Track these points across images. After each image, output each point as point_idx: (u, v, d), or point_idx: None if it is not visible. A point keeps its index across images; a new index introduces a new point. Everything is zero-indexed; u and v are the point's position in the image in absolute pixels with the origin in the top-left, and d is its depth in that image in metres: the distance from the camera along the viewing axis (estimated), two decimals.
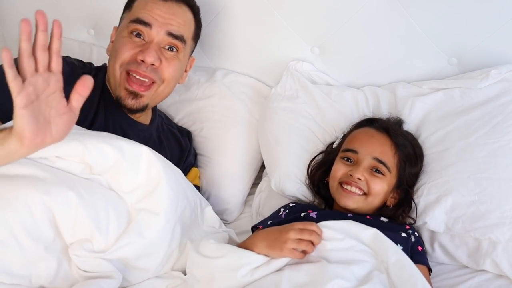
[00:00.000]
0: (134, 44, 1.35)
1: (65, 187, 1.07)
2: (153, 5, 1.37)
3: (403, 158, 1.33)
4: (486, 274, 1.31)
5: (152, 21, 1.35)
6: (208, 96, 1.68)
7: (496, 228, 1.25)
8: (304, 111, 1.57)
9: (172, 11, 1.38)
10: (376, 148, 1.33)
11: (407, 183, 1.35)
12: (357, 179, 1.30)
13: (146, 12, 1.36)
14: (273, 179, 1.52)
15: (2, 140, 0.93)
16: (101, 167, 1.13)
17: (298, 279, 1.02)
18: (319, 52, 1.63)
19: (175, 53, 1.40)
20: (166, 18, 1.37)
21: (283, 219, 1.35)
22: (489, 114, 1.37)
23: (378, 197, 1.32)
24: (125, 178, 1.14)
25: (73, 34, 1.88)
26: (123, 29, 1.39)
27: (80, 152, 1.10)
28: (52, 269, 1.07)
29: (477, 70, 1.46)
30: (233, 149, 1.64)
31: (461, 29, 1.45)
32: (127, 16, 1.41)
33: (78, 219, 1.07)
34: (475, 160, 1.32)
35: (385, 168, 1.31)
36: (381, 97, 1.54)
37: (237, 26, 1.67)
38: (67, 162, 1.12)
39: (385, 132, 1.36)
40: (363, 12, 1.51)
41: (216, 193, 1.60)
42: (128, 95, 1.35)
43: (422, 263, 1.24)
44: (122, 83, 1.35)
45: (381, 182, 1.31)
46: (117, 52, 1.36)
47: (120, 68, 1.35)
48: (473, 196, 1.28)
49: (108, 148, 1.12)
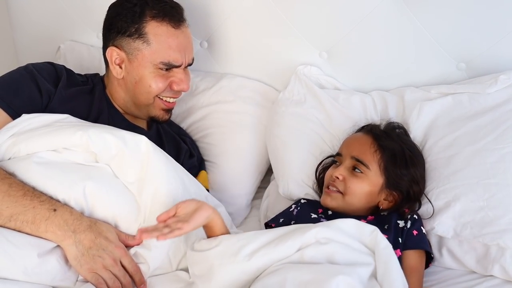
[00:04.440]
0: (164, 76, 1.44)
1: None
2: (176, 40, 1.43)
3: (387, 157, 1.33)
4: (494, 279, 1.30)
5: (181, 61, 1.44)
6: (215, 102, 1.70)
7: (504, 234, 1.25)
8: (312, 115, 1.57)
9: (187, 39, 1.47)
10: (355, 148, 1.36)
11: (403, 186, 1.33)
12: (335, 177, 1.33)
13: (174, 53, 1.42)
14: (280, 184, 1.53)
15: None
16: (105, 156, 1.21)
17: (302, 277, 1.02)
18: (327, 57, 1.63)
19: (189, 66, 1.51)
20: (187, 51, 1.46)
21: (294, 215, 1.37)
22: (498, 120, 1.37)
23: (356, 197, 1.32)
24: (128, 167, 1.20)
25: (82, 38, 1.89)
26: (147, 64, 1.42)
27: (85, 142, 1.18)
28: (59, 268, 1.11)
29: (485, 75, 1.46)
30: (238, 153, 1.65)
31: (470, 34, 1.45)
32: (147, 51, 1.41)
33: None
34: (484, 165, 1.31)
35: (363, 166, 1.32)
36: (389, 102, 1.54)
37: (245, 31, 1.68)
38: (73, 152, 1.19)
39: (369, 133, 1.39)
40: (372, 17, 1.52)
41: (221, 197, 1.60)
42: (165, 113, 1.50)
43: (418, 248, 1.26)
44: (157, 106, 1.48)
45: (359, 181, 1.32)
46: (151, 87, 1.44)
47: (153, 97, 1.46)
48: (482, 201, 1.28)
49: (111, 138, 1.20)
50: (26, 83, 1.37)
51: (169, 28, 1.42)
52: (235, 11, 1.65)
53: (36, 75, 1.39)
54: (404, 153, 1.35)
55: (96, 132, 1.19)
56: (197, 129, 1.70)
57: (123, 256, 1.13)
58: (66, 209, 1.13)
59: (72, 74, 1.51)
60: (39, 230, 1.11)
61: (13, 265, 1.06)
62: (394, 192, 1.34)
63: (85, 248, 1.11)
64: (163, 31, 1.41)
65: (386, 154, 1.33)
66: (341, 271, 1.02)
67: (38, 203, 1.12)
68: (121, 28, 1.42)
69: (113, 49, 1.44)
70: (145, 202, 1.19)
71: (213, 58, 1.77)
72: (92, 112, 1.44)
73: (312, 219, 1.32)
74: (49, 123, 1.26)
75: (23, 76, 1.39)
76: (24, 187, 1.15)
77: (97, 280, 1.11)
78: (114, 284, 1.11)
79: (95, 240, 1.11)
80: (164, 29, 1.41)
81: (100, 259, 1.11)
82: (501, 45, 1.43)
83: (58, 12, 1.86)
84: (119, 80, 1.47)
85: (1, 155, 1.23)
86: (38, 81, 1.38)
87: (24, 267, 1.07)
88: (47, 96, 1.38)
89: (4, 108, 1.32)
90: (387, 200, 1.34)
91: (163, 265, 1.20)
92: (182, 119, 1.73)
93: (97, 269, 1.10)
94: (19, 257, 1.07)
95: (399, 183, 1.33)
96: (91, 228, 1.13)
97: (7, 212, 1.11)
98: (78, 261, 1.11)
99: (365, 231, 1.11)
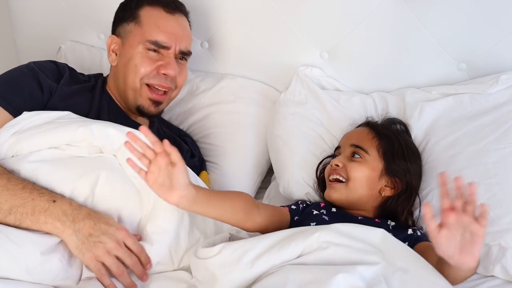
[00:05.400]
0: (152, 59, 1.44)
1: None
2: (165, 22, 1.46)
3: (385, 143, 1.35)
4: (495, 280, 1.29)
5: (169, 43, 1.45)
6: (216, 102, 1.71)
7: (506, 234, 1.25)
8: (313, 116, 1.57)
9: (180, 26, 1.49)
10: (353, 137, 1.39)
11: (401, 173, 1.33)
12: (335, 165, 1.34)
13: (162, 33, 1.44)
14: (281, 184, 1.53)
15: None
16: (109, 149, 1.22)
17: (303, 276, 1.01)
18: (329, 58, 1.63)
19: (185, 60, 1.52)
20: (178, 37, 1.46)
21: (299, 210, 1.37)
22: (499, 120, 1.37)
23: (359, 182, 1.32)
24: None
25: (83, 39, 1.90)
26: (136, 44, 1.45)
27: (88, 137, 1.18)
28: (61, 266, 1.10)
29: (486, 76, 1.47)
30: (239, 154, 1.65)
31: (471, 35, 1.46)
32: (137, 31, 1.46)
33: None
34: (485, 165, 1.32)
35: (362, 151, 1.34)
36: (390, 103, 1.55)
37: (247, 32, 1.68)
38: (77, 148, 1.20)
39: (367, 125, 1.42)
40: (372, 18, 1.52)
41: None
42: (151, 104, 1.47)
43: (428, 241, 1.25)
44: (145, 94, 1.45)
45: (359, 165, 1.33)
46: (137, 67, 1.44)
47: (141, 81, 1.45)
48: (483, 201, 1.27)
49: (113, 132, 1.21)
50: (27, 80, 1.38)
51: (161, 11, 1.47)
52: (236, 12, 1.66)
53: (38, 72, 1.39)
54: (400, 143, 1.36)
55: (98, 127, 1.20)
56: (198, 130, 1.71)
57: (126, 238, 1.11)
58: (65, 201, 1.13)
59: (74, 72, 1.52)
60: (39, 221, 1.10)
61: (15, 264, 1.05)
62: (395, 179, 1.34)
63: (85, 236, 1.09)
64: (155, 13, 1.47)
65: (384, 140, 1.35)
66: (342, 269, 1.01)
67: (38, 195, 1.11)
68: (121, 17, 1.49)
69: (112, 37, 1.50)
70: (149, 196, 1.18)
71: (213, 58, 1.77)
72: (93, 108, 1.44)
73: (314, 215, 1.32)
74: (50, 120, 1.26)
75: (24, 73, 1.39)
76: (23, 181, 1.14)
77: (99, 270, 1.09)
78: (118, 269, 1.09)
79: (94, 226, 1.10)
80: (156, 11, 1.47)
81: (102, 244, 1.09)
82: (502, 46, 1.43)
83: (58, 12, 1.87)
84: (114, 68, 1.50)
85: (3, 153, 1.22)
86: (39, 78, 1.39)
87: (26, 266, 1.05)
88: (48, 93, 1.38)
89: (4, 106, 1.32)
90: (389, 187, 1.34)
91: (165, 261, 1.20)
92: (183, 119, 1.73)
93: (99, 255, 1.09)
94: (21, 255, 1.05)
95: (397, 170, 1.33)
96: (90, 216, 1.11)
97: (6, 205, 1.10)
98: (79, 250, 1.09)
99: (369, 232, 1.11)
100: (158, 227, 1.18)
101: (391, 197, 1.34)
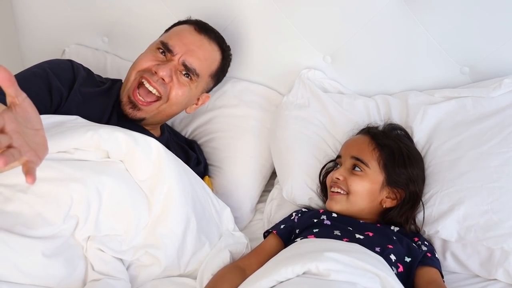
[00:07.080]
0: (155, 58, 1.45)
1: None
2: (187, 34, 1.49)
3: (386, 155, 1.34)
4: (498, 283, 1.30)
5: (176, 50, 1.44)
6: (219, 106, 1.71)
7: (509, 238, 1.25)
8: (316, 119, 1.57)
9: (200, 44, 1.48)
10: (354, 148, 1.38)
11: (403, 183, 1.34)
12: (336, 178, 1.34)
13: (176, 39, 1.46)
14: (284, 188, 1.52)
15: None
16: (117, 153, 1.20)
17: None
18: (331, 61, 1.64)
19: (189, 80, 1.47)
20: (189, 49, 1.45)
21: (296, 223, 1.37)
22: (502, 123, 1.37)
23: (360, 196, 1.33)
24: (140, 166, 1.20)
25: (87, 42, 1.90)
26: (153, 44, 1.49)
27: (96, 141, 1.17)
28: (64, 270, 1.10)
29: (489, 79, 1.47)
30: (243, 158, 1.65)
31: (474, 38, 1.46)
32: (163, 35, 1.53)
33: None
34: (488, 169, 1.32)
35: (362, 164, 1.34)
36: (393, 106, 1.55)
37: (250, 35, 1.68)
38: (85, 152, 1.19)
39: (367, 134, 1.41)
40: (376, 21, 1.52)
41: (226, 201, 1.60)
42: (128, 103, 1.43)
43: (433, 266, 1.24)
44: (130, 90, 1.43)
45: (360, 179, 1.33)
46: (138, 60, 1.47)
47: (136, 74, 1.44)
48: (486, 205, 1.28)
49: (122, 136, 1.20)
50: (35, 82, 1.35)
51: (188, 26, 1.50)
52: (239, 15, 1.66)
53: (49, 74, 1.37)
54: (401, 151, 1.36)
55: (107, 131, 1.19)
56: (202, 134, 1.71)
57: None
58: None
59: (90, 73, 1.51)
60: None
61: (18, 271, 1.03)
62: (396, 189, 1.34)
63: None
64: (185, 27, 1.52)
65: (385, 151, 1.35)
66: (341, 285, 1.01)
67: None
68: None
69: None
70: (157, 200, 1.19)
71: None
72: (105, 114, 1.43)
73: (315, 223, 1.32)
74: (58, 124, 1.25)
75: (34, 74, 1.37)
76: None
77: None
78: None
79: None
80: (187, 26, 1.52)
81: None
82: (504, 49, 1.43)
83: (63, 16, 1.87)
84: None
85: None
86: (50, 80, 1.36)
87: (29, 273, 1.04)
88: (58, 96, 1.36)
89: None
90: (390, 198, 1.35)
91: (172, 266, 1.20)
92: (186, 123, 1.73)
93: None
94: (23, 264, 1.04)
95: (398, 181, 1.33)
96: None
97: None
98: None
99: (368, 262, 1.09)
100: (169, 230, 1.19)
101: (394, 207, 1.34)
